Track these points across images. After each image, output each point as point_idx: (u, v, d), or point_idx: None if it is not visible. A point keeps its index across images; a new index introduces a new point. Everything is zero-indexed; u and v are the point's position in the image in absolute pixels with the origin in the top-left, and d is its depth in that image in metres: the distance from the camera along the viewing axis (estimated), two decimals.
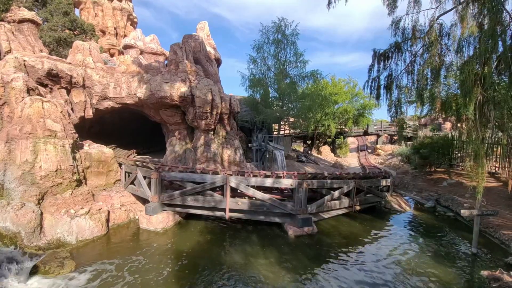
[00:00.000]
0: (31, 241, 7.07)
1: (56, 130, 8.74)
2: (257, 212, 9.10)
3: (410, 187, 15.86)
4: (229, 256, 7.31)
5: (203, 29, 21.03)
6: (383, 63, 10.27)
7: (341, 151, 27.07)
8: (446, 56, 8.99)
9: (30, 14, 12.81)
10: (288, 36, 20.57)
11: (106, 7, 25.52)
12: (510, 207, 10.42)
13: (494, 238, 8.61)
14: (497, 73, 7.07)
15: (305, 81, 21.71)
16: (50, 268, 6.20)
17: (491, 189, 12.34)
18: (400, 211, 11.61)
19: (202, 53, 15.92)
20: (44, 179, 8.13)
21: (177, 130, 13.89)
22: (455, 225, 10.23)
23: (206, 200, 8.99)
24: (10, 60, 9.89)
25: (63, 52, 17.44)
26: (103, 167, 10.46)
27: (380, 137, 30.25)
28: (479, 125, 6.58)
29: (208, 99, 12.56)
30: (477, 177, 6.74)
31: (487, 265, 6.97)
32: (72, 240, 7.65)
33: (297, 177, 9.09)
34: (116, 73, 12.93)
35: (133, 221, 9.54)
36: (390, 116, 10.89)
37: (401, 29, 9.56)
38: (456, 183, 14.18)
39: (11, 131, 8.32)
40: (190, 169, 9.93)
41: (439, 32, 8.72)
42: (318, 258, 7.35)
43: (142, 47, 20.80)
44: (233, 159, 13.61)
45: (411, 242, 8.56)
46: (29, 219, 7.19)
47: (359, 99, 25.33)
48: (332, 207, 9.84)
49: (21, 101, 8.73)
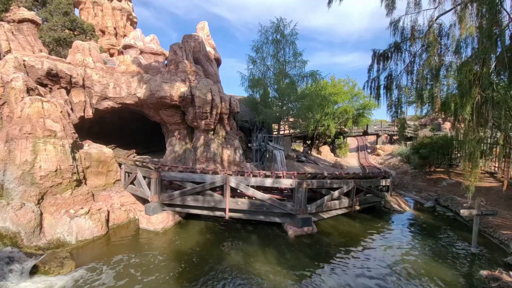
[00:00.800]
0: (31, 241, 7.07)
1: (56, 130, 8.74)
2: (257, 212, 9.12)
3: (410, 187, 15.89)
4: (229, 256, 7.31)
5: (203, 29, 21.01)
6: (383, 63, 10.30)
7: (340, 151, 27.10)
8: (445, 56, 9.03)
9: (29, 14, 12.81)
10: (287, 36, 20.57)
11: (106, 7, 25.49)
12: (509, 207, 10.44)
13: (494, 238, 8.63)
14: (496, 73, 7.10)
15: (305, 81, 21.72)
16: (50, 268, 6.20)
17: (490, 189, 12.37)
18: (400, 211, 11.63)
19: (202, 53, 15.92)
20: (43, 179, 8.13)
21: (177, 130, 13.90)
22: (454, 225, 10.26)
23: (206, 200, 8.99)
24: (9, 60, 9.89)
25: (62, 52, 17.42)
26: (103, 167, 10.46)
27: (380, 137, 30.27)
28: (476, 126, 6.60)
29: (208, 99, 12.57)
30: (470, 176, 6.77)
31: (486, 265, 6.99)
32: (72, 240, 7.66)
33: (297, 177, 9.10)
34: (115, 73, 12.94)
35: (133, 221, 9.54)
36: (391, 116, 10.94)
37: (400, 29, 9.59)
38: (456, 183, 14.21)
39: (10, 131, 8.32)
40: (190, 169, 9.93)
41: (438, 33, 8.75)
42: (318, 258, 7.36)
43: (142, 47, 20.77)
44: (233, 159, 13.62)
45: (411, 242, 8.58)
46: (29, 219, 7.19)
47: (359, 99, 25.34)
48: (331, 207, 9.86)
49: (21, 101, 8.73)
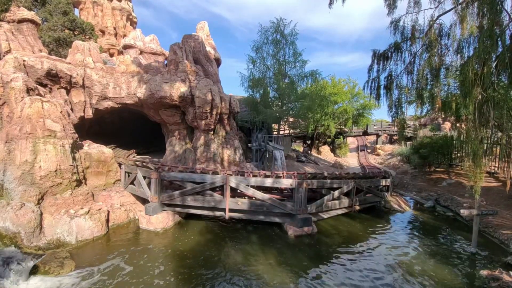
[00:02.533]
0: (31, 241, 7.07)
1: (56, 130, 8.73)
2: (257, 212, 9.11)
3: (410, 187, 15.88)
4: (229, 256, 7.31)
5: (202, 29, 21.01)
6: (383, 64, 10.27)
7: (340, 151, 27.10)
8: (445, 56, 9.01)
9: (29, 14, 12.81)
10: (287, 36, 20.55)
11: (106, 7, 25.47)
12: (509, 207, 10.44)
13: (494, 238, 8.63)
14: (497, 73, 7.09)
15: (305, 81, 21.70)
16: (50, 268, 6.19)
17: (490, 189, 12.37)
18: (400, 211, 11.63)
19: (202, 53, 15.92)
20: (43, 179, 8.12)
21: (177, 130, 13.89)
22: (454, 224, 10.25)
23: (206, 200, 8.99)
24: (9, 60, 9.88)
25: (62, 52, 17.41)
26: (103, 167, 10.45)
27: (380, 137, 30.27)
28: (478, 125, 6.59)
29: (208, 99, 12.56)
30: (475, 177, 6.75)
31: (486, 265, 6.98)
32: (72, 240, 7.65)
33: (297, 177, 9.09)
34: (115, 73, 12.93)
35: (133, 221, 9.54)
36: (391, 116, 10.90)
37: (401, 29, 9.56)
38: (456, 183, 14.21)
39: (10, 131, 8.32)
40: (190, 169, 9.92)
41: (439, 32, 8.73)
42: (318, 257, 7.35)
43: (142, 47, 20.75)
44: (233, 159, 13.61)
45: (411, 242, 8.57)
46: (29, 219, 7.18)
47: (359, 99, 25.33)
48: (331, 207, 9.85)
49: (21, 101, 8.72)
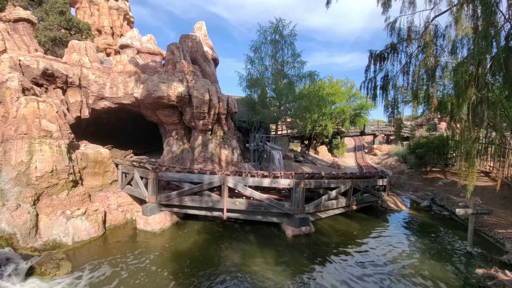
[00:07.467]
0: (26, 243, 7.00)
1: (52, 131, 8.67)
2: (255, 212, 9.12)
3: (406, 186, 16.00)
4: (227, 256, 7.30)
5: (200, 29, 20.97)
6: (379, 64, 10.36)
7: (338, 151, 27.23)
8: (441, 57, 9.12)
9: (25, 14, 12.68)
10: (285, 36, 20.63)
11: (102, 6, 25.34)
12: (504, 206, 10.56)
13: (489, 237, 8.72)
14: (491, 74, 7.17)
15: (303, 82, 21.81)
16: (46, 269, 6.13)
17: (485, 188, 12.50)
18: (396, 210, 11.71)
19: (200, 53, 15.89)
20: (39, 180, 8.06)
21: (174, 130, 13.85)
22: (450, 224, 10.34)
23: (204, 200, 8.98)
24: (5, 59, 9.79)
25: (58, 52, 17.29)
26: (100, 168, 10.39)
27: (377, 137, 30.44)
28: (472, 125, 6.66)
29: (206, 99, 12.55)
30: (468, 176, 6.82)
31: (482, 264, 7.06)
32: (68, 241, 7.59)
33: (295, 177, 9.12)
34: (112, 73, 12.87)
35: (130, 222, 9.49)
36: (387, 116, 11.00)
37: (397, 30, 9.67)
38: (451, 182, 14.34)
39: (6, 131, 8.24)
40: (187, 169, 9.90)
41: (434, 33, 8.83)
42: (316, 257, 7.38)
43: (139, 47, 20.65)
44: (230, 159, 13.61)
45: (407, 241, 8.64)
46: (25, 220, 7.11)
47: (356, 99, 25.49)
48: (329, 207, 9.89)
49: (16, 101, 8.65)
